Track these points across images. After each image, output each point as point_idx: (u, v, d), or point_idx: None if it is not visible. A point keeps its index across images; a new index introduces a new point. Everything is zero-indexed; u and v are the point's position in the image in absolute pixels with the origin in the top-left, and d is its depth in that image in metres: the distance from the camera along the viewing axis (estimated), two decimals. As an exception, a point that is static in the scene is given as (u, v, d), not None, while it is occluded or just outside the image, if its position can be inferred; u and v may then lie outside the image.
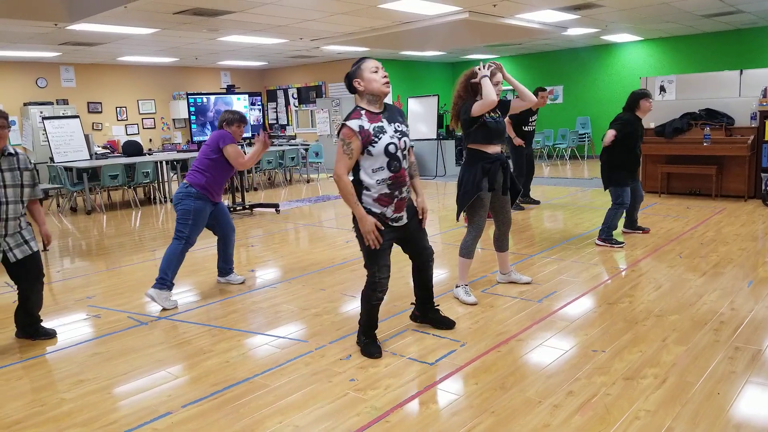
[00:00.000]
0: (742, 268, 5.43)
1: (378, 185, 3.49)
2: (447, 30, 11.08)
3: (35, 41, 10.72)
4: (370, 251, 3.58)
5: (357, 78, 3.48)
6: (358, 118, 3.44)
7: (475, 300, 4.70)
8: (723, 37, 13.76)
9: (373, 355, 3.73)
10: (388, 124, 3.51)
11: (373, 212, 3.53)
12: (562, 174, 13.33)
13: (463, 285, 4.79)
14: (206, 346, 4.09)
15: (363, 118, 3.45)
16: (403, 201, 3.62)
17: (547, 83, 16.83)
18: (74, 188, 10.55)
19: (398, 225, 3.64)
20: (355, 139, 3.40)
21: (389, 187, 3.51)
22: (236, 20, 9.54)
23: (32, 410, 3.26)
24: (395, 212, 3.58)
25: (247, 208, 9.67)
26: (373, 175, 3.48)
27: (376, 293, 3.67)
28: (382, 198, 3.52)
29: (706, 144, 8.83)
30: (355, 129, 3.41)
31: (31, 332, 4.39)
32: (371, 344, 3.80)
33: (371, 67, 3.48)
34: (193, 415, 3.13)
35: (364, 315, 3.80)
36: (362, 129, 3.41)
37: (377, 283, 3.64)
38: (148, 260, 6.71)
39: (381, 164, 3.47)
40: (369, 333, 3.84)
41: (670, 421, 2.87)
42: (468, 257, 4.74)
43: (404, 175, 3.57)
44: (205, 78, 16.99)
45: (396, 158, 3.49)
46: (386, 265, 3.65)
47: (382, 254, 3.60)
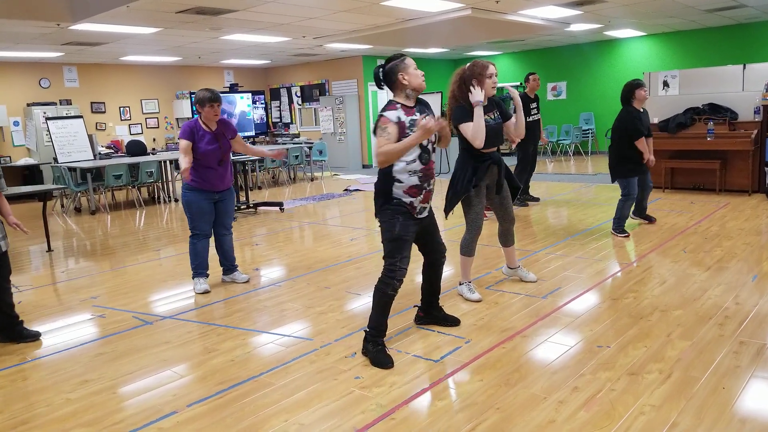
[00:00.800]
0: (746, 262, 5.42)
1: (409, 177, 3.57)
2: (450, 27, 11.06)
3: (38, 41, 10.74)
4: (395, 241, 3.61)
5: (402, 72, 3.58)
6: (395, 110, 3.55)
7: (480, 297, 4.70)
8: (726, 32, 13.70)
9: (387, 365, 3.57)
10: (420, 117, 3.55)
11: (404, 202, 3.60)
12: (566, 170, 13.31)
13: (467, 282, 4.78)
14: (211, 345, 4.10)
15: (399, 110, 3.56)
16: (430, 193, 3.71)
17: (550, 79, 16.81)
18: (78, 188, 10.57)
19: (421, 217, 3.71)
20: (392, 125, 3.49)
21: (420, 179, 3.60)
22: (239, 19, 9.53)
23: (37, 411, 3.27)
24: (422, 203, 3.65)
25: (251, 207, 9.68)
26: (406, 167, 3.56)
27: (393, 281, 3.62)
28: (412, 189, 3.59)
29: (709, 139, 8.81)
30: (393, 120, 3.51)
31: (13, 335, 4.33)
32: (381, 352, 3.65)
33: (413, 64, 3.63)
34: (199, 414, 3.13)
35: (377, 310, 3.70)
36: (399, 120, 3.51)
37: (396, 271, 3.62)
38: (152, 260, 6.72)
39: (414, 156, 3.55)
40: (378, 338, 3.70)
41: (675, 416, 2.86)
42: (469, 255, 4.73)
43: (432, 167, 3.66)
44: (209, 77, 16.99)
45: (427, 150, 3.60)
46: (407, 257, 3.67)
47: (405, 245, 3.65)
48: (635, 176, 6.57)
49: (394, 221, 3.62)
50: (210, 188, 5.21)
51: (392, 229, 3.62)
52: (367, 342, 3.74)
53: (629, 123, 6.42)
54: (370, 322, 3.74)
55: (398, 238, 3.62)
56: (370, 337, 3.72)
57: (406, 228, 3.62)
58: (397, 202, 3.61)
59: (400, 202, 3.61)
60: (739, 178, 8.97)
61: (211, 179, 5.19)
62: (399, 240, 3.62)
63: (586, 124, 16.30)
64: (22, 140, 13.56)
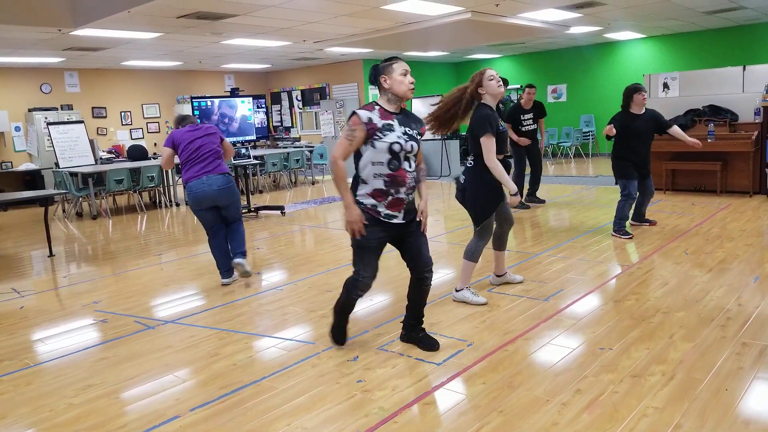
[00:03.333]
0: (748, 263, 5.42)
1: (374, 179, 3.48)
2: (450, 30, 11.07)
3: (39, 47, 10.76)
4: (358, 248, 3.57)
5: (385, 75, 3.52)
6: (370, 111, 3.48)
7: (485, 300, 4.66)
8: (726, 34, 13.71)
9: (336, 342, 3.92)
10: (398, 125, 3.50)
11: (364, 204, 3.51)
12: (567, 172, 13.31)
13: (467, 287, 4.73)
14: (213, 349, 4.10)
15: (375, 112, 3.48)
16: (401, 201, 3.54)
17: (550, 82, 16.82)
18: (79, 193, 10.58)
19: (392, 222, 3.55)
20: (360, 129, 3.43)
21: (385, 184, 3.48)
22: (239, 23, 9.55)
23: (40, 416, 3.27)
24: (388, 209, 3.52)
25: (252, 211, 9.68)
26: (372, 168, 3.47)
27: (357, 291, 3.67)
28: (376, 192, 3.50)
29: (710, 140, 8.80)
30: (364, 119, 3.44)
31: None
32: (339, 332, 3.93)
33: (402, 69, 3.53)
34: (201, 418, 3.13)
35: (338, 310, 3.87)
36: (370, 121, 3.44)
37: (359, 282, 3.62)
38: (154, 264, 6.73)
39: (382, 159, 3.46)
40: (340, 321, 3.91)
41: (678, 418, 2.86)
42: (474, 261, 4.68)
43: (403, 176, 3.50)
44: (209, 81, 17.02)
45: (398, 158, 3.47)
46: (371, 266, 3.60)
47: (369, 252, 3.58)
48: (634, 177, 6.59)
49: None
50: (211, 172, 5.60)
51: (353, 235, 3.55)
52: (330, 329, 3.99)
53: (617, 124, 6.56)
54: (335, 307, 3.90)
55: (360, 246, 3.55)
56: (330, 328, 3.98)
57: (371, 234, 3.51)
58: (362, 207, 3.51)
59: (363, 205, 3.51)
60: (740, 180, 8.97)
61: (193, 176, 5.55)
62: (361, 247, 3.56)
63: (586, 126, 16.30)
64: (23, 145, 13.58)
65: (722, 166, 8.93)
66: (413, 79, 3.58)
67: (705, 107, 9.25)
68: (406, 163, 3.52)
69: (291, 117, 18.48)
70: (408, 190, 3.56)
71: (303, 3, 8.37)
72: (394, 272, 5.77)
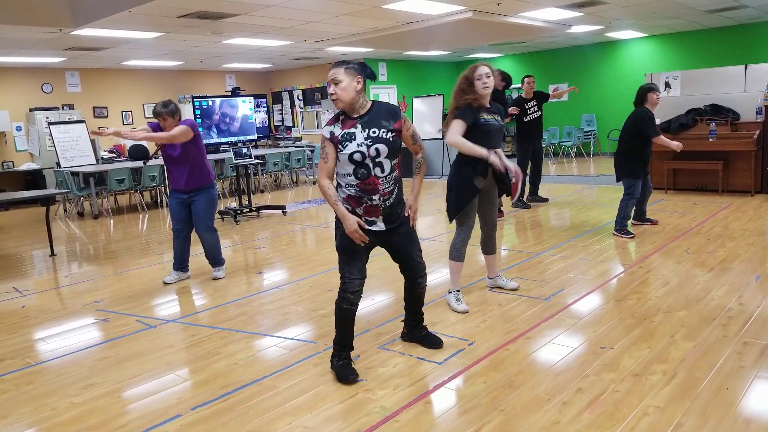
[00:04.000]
0: (749, 263, 5.41)
1: (346, 188, 3.39)
2: (451, 29, 11.07)
3: (40, 47, 10.77)
4: (342, 250, 3.44)
5: None
6: (332, 124, 3.39)
7: (467, 308, 4.51)
8: (727, 33, 13.70)
9: (348, 379, 3.42)
10: (361, 130, 3.33)
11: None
12: (568, 171, 13.31)
13: (455, 291, 4.62)
14: (215, 348, 4.10)
15: (337, 124, 3.38)
16: (376, 208, 3.38)
17: (551, 81, 16.79)
18: (81, 193, 10.59)
19: (372, 229, 3.42)
20: (328, 144, 3.36)
21: (356, 192, 3.35)
22: (240, 23, 9.56)
23: (42, 415, 3.27)
24: (366, 215, 3.40)
25: (253, 210, 9.68)
26: (343, 179, 3.39)
27: (346, 294, 3.42)
28: (350, 199, 3.38)
29: (711, 139, 8.80)
30: (326, 135, 3.37)
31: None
32: (345, 367, 3.50)
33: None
34: (203, 417, 3.14)
35: (336, 325, 3.53)
36: (332, 135, 3.35)
37: (347, 284, 3.42)
38: (155, 264, 6.73)
39: (348, 170, 3.34)
40: (342, 353, 3.55)
41: (679, 417, 2.86)
42: (458, 260, 4.58)
43: (374, 183, 3.33)
44: (210, 81, 17.02)
45: (363, 166, 3.31)
46: (358, 267, 3.44)
47: (355, 255, 3.43)
48: (640, 177, 6.61)
49: (336, 231, 3.46)
50: (174, 189, 5.71)
51: (336, 238, 3.47)
52: (332, 356, 3.60)
53: (641, 124, 6.49)
54: (335, 337, 3.57)
55: (342, 248, 3.44)
56: (335, 352, 3.58)
57: (347, 238, 3.39)
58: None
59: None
60: (741, 179, 8.96)
61: (172, 182, 5.72)
62: (344, 249, 3.44)
63: (587, 125, 16.30)
64: (24, 145, 13.59)
65: (724, 166, 8.93)
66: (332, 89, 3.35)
67: (707, 106, 9.24)
68: (377, 169, 3.33)
69: (292, 116, 18.48)
70: (383, 196, 3.37)
71: (304, 2, 8.37)
72: (395, 272, 5.75)
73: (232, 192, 12.74)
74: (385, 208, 3.41)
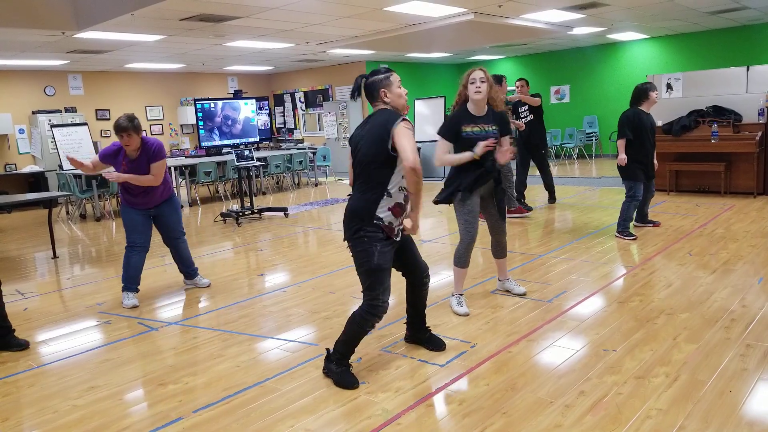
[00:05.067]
0: (752, 264, 5.40)
1: (398, 192, 3.35)
2: (452, 31, 11.07)
3: (43, 50, 10.79)
4: (376, 271, 3.32)
5: (384, 89, 3.42)
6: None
7: (468, 311, 4.51)
8: (729, 34, 13.69)
9: (353, 386, 3.39)
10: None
11: (384, 223, 3.32)
12: (570, 173, 13.30)
13: (458, 294, 4.60)
14: (216, 350, 4.10)
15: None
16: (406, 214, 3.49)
17: (553, 83, 16.81)
18: (83, 195, 10.60)
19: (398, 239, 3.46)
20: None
21: (404, 199, 3.39)
22: (242, 26, 9.57)
23: (44, 417, 3.27)
24: (399, 225, 3.43)
25: (256, 213, 9.69)
26: (400, 182, 3.33)
27: (375, 318, 3.39)
28: (396, 207, 3.36)
29: (714, 141, 8.79)
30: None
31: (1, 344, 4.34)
32: (346, 373, 3.46)
33: (398, 80, 3.46)
34: (205, 420, 3.13)
35: (349, 340, 3.46)
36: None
37: (380, 308, 3.36)
38: (157, 266, 6.73)
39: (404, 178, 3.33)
40: (343, 361, 3.50)
41: (682, 420, 2.85)
42: (461, 266, 4.52)
43: None
44: (212, 83, 17.04)
45: None
46: (389, 287, 3.41)
47: (386, 274, 3.38)
48: (641, 179, 6.60)
49: (371, 250, 3.30)
50: (138, 206, 5.28)
51: (370, 259, 3.31)
52: (330, 362, 3.51)
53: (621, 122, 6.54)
54: (337, 345, 3.49)
55: (377, 269, 3.32)
56: (335, 359, 3.49)
57: (384, 256, 3.33)
58: (376, 226, 3.31)
59: (380, 224, 3.31)
60: (744, 180, 8.94)
61: (136, 199, 5.25)
62: (378, 271, 3.32)
63: (589, 127, 16.29)
64: (27, 148, 13.61)
65: (726, 167, 8.92)
66: (406, 90, 3.51)
67: (708, 108, 9.24)
68: None
69: (294, 119, 18.50)
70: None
71: (306, 5, 8.38)
72: (396, 275, 5.76)
73: (234, 194, 12.75)
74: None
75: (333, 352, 3.51)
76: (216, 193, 13.06)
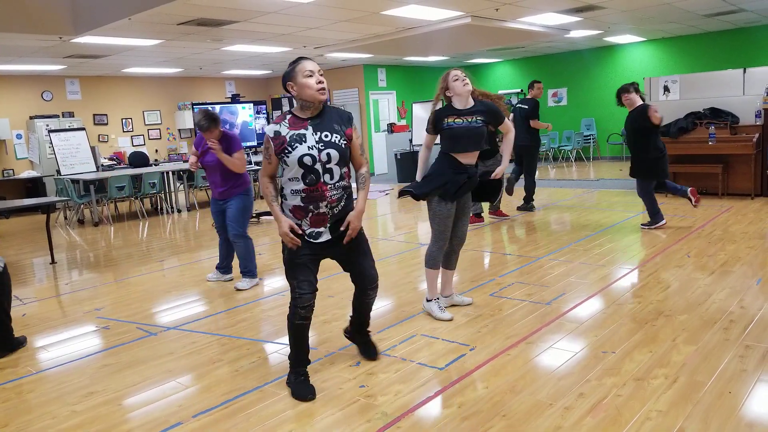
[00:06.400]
0: (750, 266, 5.41)
1: (292, 195, 3.26)
2: (450, 35, 11.09)
3: (40, 54, 10.79)
4: (288, 264, 3.32)
5: (290, 81, 3.20)
6: (278, 123, 3.26)
7: (450, 316, 4.42)
8: (726, 36, 13.73)
9: (306, 398, 3.28)
10: (313, 132, 3.21)
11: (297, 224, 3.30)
12: (568, 176, 13.31)
13: (435, 299, 4.51)
14: (216, 355, 4.10)
15: (284, 123, 3.24)
16: (323, 216, 3.28)
17: (550, 86, 16.82)
18: (81, 200, 10.59)
19: (319, 242, 3.32)
20: (271, 145, 3.24)
21: (303, 200, 3.23)
22: (240, 30, 9.58)
23: (43, 423, 3.27)
24: (312, 227, 3.29)
25: (254, 217, 9.68)
26: (289, 184, 3.26)
27: (298, 309, 3.29)
28: (295, 209, 3.27)
29: (711, 143, 8.82)
30: (270, 135, 3.24)
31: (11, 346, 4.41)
32: (302, 383, 3.37)
33: (305, 71, 3.17)
34: (204, 424, 3.13)
35: (289, 341, 3.42)
36: (278, 135, 3.21)
37: (298, 298, 3.28)
38: (156, 271, 6.73)
39: (296, 174, 3.21)
40: (298, 368, 3.41)
41: (681, 421, 2.86)
42: (433, 267, 4.43)
43: (323, 190, 3.22)
44: (210, 88, 17.05)
45: (313, 171, 3.18)
46: (307, 281, 3.28)
47: (300, 268, 3.29)
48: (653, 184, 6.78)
49: (284, 243, 3.33)
50: (213, 194, 5.82)
51: (283, 251, 3.34)
52: (289, 373, 3.47)
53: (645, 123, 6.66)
54: (289, 355, 3.47)
55: (289, 261, 3.32)
56: (292, 368, 3.45)
57: (296, 251, 3.28)
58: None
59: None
60: (741, 182, 8.96)
61: (214, 188, 5.79)
62: (290, 263, 3.31)
63: (587, 129, 16.31)
64: (25, 153, 13.60)
65: (723, 169, 8.93)
66: (321, 79, 3.20)
67: (706, 110, 9.26)
68: (327, 175, 3.22)
69: (292, 123, 18.48)
70: (330, 203, 3.27)
71: (303, 9, 8.39)
72: (396, 277, 5.77)
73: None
74: (332, 216, 3.31)
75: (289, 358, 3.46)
76: (214, 197, 13.04)
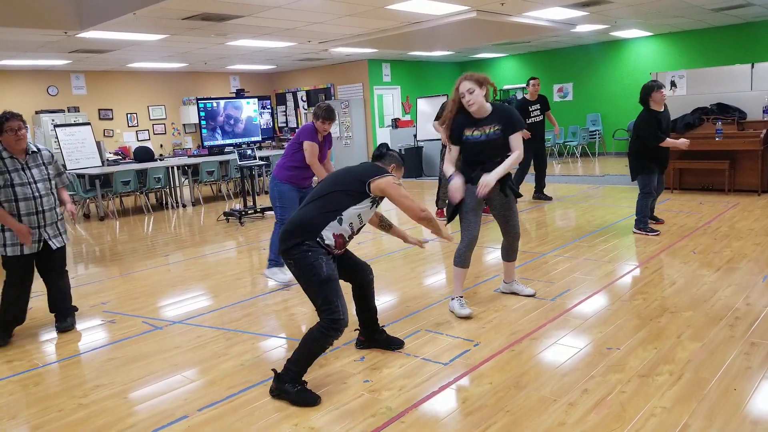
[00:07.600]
0: (756, 263, 5.39)
1: (347, 226, 3.41)
2: (455, 30, 11.06)
3: (46, 49, 10.81)
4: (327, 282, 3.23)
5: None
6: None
7: (470, 312, 4.43)
8: (733, 31, 13.65)
9: (314, 402, 3.21)
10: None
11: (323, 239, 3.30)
12: (574, 171, 13.29)
13: (458, 297, 4.50)
14: (221, 349, 4.11)
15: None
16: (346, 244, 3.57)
17: (556, 81, 16.78)
18: (87, 195, 10.62)
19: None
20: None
21: (349, 237, 3.49)
22: (244, 24, 9.57)
23: (49, 416, 3.28)
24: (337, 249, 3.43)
25: (258, 212, 9.69)
26: (356, 220, 3.45)
27: (337, 333, 3.22)
28: (337, 237, 3.37)
29: (718, 139, 8.77)
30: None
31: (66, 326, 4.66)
32: (304, 391, 3.26)
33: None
34: (210, 418, 3.14)
35: (305, 359, 3.28)
36: None
37: (341, 321, 3.20)
38: (161, 265, 6.74)
39: (365, 219, 3.54)
40: (298, 380, 3.29)
41: (686, 418, 2.85)
42: (462, 266, 4.43)
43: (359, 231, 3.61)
44: (215, 82, 17.06)
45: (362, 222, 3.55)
46: (343, 297, 3.29)
47: (337, 284, 3.30)
48: (654, 172, 6.60)
49: (319, 261, 3.23)
50: (301, 183, 5.89)
51: (320, 271, 3.21)
52: (281, 382, 3.27)
53: (643, 130, 6.43)
54: (290, 365, 3.28)
55: (329, 279, 3.23)
56: (288, 378, 3.26)
57: (330, 266, 3.29)
58: (318, 242, 3.28)
59: (322, 240, 3.29)
60: (748, 178, 8.92)
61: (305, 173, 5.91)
62: (330, 281, 3.23)
63: (593, 125, 16.26)
64: (30, 147, 13.62)
65: (730, 165, 8.89)
66: None
67: (713, 105, 9.22)
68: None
69: (296, 118, 18.50)
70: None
71: (308, 4, 8.38)
72: (401, 272, 5.78)
73: (236, 193, 12.75)
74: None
75: (285, 371, 3.29)
76: (218, 192, 13.07)
